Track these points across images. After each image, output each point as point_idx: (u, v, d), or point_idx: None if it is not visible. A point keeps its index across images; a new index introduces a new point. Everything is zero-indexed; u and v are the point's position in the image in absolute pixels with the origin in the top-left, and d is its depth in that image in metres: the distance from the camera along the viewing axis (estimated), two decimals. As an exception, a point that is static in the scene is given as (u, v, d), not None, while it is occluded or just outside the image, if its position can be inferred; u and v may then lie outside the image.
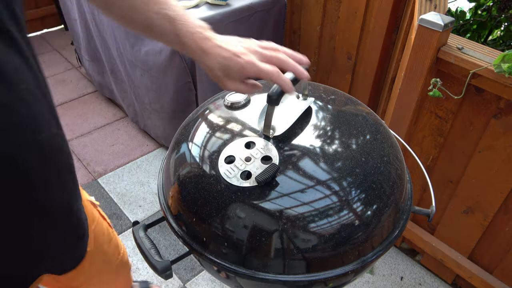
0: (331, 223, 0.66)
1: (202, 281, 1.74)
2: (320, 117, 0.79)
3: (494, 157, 1.31)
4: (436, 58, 1.25)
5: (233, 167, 0.70)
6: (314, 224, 0.65)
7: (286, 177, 0.68)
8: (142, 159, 2.35)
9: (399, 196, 0.75)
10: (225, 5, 1.85)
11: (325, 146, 0.73)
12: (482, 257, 1.55)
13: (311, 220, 0.65)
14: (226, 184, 0.68)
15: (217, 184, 0.69)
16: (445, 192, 1.52)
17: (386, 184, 0.72)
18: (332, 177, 0.69)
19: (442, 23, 1.16)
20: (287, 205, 0.66)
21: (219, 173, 0.70)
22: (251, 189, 0.67)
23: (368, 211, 0.69)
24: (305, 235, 0.65)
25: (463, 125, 1.35)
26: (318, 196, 0.67)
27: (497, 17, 1.83)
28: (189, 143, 0.79)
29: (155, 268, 0.72)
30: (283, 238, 0.65)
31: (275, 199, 0.66)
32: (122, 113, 2.67)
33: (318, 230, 0.65)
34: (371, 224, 0.69)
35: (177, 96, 1.97)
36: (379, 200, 0.70)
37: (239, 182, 0.68)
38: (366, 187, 0.69)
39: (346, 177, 0.69)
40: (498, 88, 1.17)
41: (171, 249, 1.86)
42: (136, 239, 0.77)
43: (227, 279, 0.77)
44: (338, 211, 0.67)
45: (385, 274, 1.78)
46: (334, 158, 0.71)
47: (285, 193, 0.67)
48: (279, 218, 0.65)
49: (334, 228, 0.66)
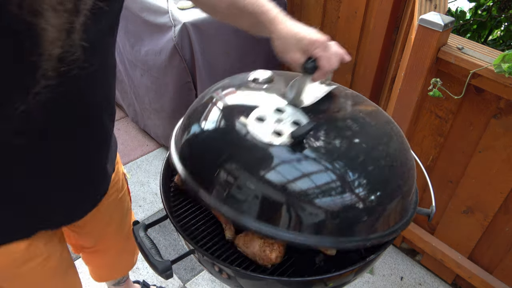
0: (358, 194, 0.66)
1: (202, 281, 1.74)
2: (342, 101, 0.80)
3: (494, 157, 1.31)
4: (436, 58, 1.25)
5: (264, 125, 0.69)
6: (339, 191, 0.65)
7: (315, 146, 0.67)
8: (142, 159, 2.35)
9: (410, 187, 0.76)
10: (225, 5, 1.85)
11: (349, 123, 0.74)
12: (482, 257, 1.55)
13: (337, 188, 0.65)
14: (255, 140, 0.67)
15: (246, 139, 0.68)
16: (445, 192, 1.52)
17: (405, 168, 0.74)
18: (357, 152, 0.69)
19: (442, 23, 1.16)
20: (313, 170, 0.65)
21: (248, 130, 0.69)
22: (282, 146, 0.66)
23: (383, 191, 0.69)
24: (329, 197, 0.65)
25: (463, 125, 1.36)
26: (341, 169, 0.66)
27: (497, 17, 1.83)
28: (217, 102, 0.77)
29: (156, 268, 0.72)
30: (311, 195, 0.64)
31: (305, 160, 0.66)
32: (122, 113, 2.67)
33: (340, 199, 0.65)
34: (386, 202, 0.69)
35: (177, 96, 1.97)
36: (396, 184, 0.71)
37: (270, 139, 0.67)
38: (388, 170, 0.70)
39: (371, 154, 0.69)
40: (498, 88, 1.17)
41: (171, 249, 1.86)
42: (137, 238, 0.77)
43: (227, 279, 0.77)
44: (363, 185, 0.66)
45: (385, 274, 1.78)
46: (359, 135, 0.72)
47: (313, 157, 0.66)
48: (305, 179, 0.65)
49: (360, 196, 0.66)
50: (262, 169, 0.65)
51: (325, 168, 0.65)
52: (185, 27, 1.72)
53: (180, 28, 1.72)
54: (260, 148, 0.67)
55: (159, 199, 2.10)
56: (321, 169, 0.65)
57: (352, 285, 1.72)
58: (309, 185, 0.64)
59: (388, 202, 0.69)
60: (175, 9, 1.79)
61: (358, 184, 0.66)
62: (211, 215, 0.86)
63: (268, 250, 0.75)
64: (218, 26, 1.81)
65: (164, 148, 2.42)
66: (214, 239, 0.81)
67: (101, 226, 1.11)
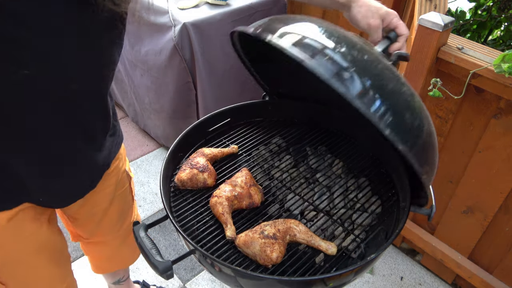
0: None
1: (202, 281, 1.74)
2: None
3: (494, 157, 1.31)
4: (436, 58, 1.25)
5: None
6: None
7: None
8: (142, 159, 2.35)
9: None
10: (225, 5, 1.85)
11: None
12: (482, 257, 1.55)
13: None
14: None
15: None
16: (445, 192, 1.52)
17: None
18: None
19: (442, 23, 1.16)
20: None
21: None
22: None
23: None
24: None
25: (463, 125, 1.36)
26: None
27: (497, 17, 1.83)
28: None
29: (156, 268, 0.72)
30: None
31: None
32: (122, 113, 2.67)
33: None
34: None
35: (177, 96, 1.97)
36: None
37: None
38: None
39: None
40: (498, 88, 1.18)
41: (171, 249, 1.86)
42: (137, 239, 0.77)
43: (227, 279, 0.77)
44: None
45: (385, 274, 1.78)
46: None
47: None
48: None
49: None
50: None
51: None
52: (185, 27, 1.72)
53: (180, 28, 1.72)
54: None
55: (159, 199, 2.10)
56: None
57: (352, 285, 1.72)
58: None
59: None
60: (175, 9, 1.79)
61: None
62: (211, 215, 0.86)
63: (269, 250, 0.75)
64: (218, 26, 1.81)
65: (164, 148, 2.42)
66: (214, 239, 0.81)
67: (96, 220, 1.11)
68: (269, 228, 0.78)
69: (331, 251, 0.79)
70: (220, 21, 1.81)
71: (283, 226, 0.79)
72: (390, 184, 0.95)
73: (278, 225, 0.79)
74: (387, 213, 0.90)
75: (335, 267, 0.79)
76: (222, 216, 0.82)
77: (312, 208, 0.91)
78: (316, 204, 0.92)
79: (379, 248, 0.76)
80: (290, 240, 0.80)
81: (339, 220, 0.89)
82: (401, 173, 0.91)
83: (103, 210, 1.10)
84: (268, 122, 1.13)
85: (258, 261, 0.76)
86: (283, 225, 0.80)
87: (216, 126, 1.07)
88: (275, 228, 0.78)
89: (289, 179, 0.99)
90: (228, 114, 1.08)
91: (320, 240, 0.80)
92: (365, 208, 0.92)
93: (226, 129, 1.09)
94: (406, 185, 0.87)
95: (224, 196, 0.84)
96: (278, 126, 1.11)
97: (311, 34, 0.70)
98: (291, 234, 0.80)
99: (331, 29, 0.72)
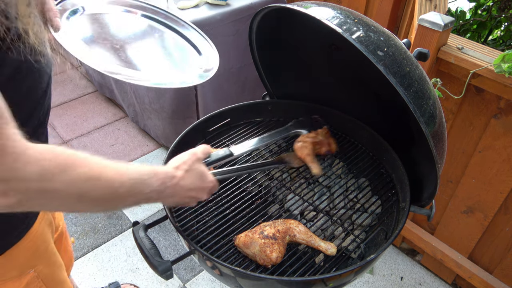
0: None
1: (202, 281, 1.74)
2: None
3: (494, 157, 1.31)
4: (436, 58, 1.25)
5: None
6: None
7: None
8: (142, 159, 2.35)
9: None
10: (225, 5, 1.85)
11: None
12: (482, 257, 1.55)
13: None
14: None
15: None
16: (445, 192, 1.52)
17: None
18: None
19: (442, 23, 1.16)
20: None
21: None
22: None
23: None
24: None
25: (463, 125, 1.36)
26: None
27: (497, 17, 1.83)
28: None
29: (156, 268, 0.72)
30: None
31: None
32: (122, 113, 2.67)
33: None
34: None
35: (177, 96, 1.96)
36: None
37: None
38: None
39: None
40: (498, 88, 1.17)
41: (171, 249, 1.86)
42: (137, 239, 0.77)
43: (227, 279, 0.77)
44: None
45: (385, 274, 1.78)
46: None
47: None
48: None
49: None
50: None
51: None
52: (185, 27, 1.72)
53: (180, 28, 1.72)
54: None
55: (159, 199, 2.09)
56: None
57: (352, 285, 1.72)
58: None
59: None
60: (175, 9, 1.79)
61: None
62: (211, 215, 0.86)
63: (269, 250, 0.75)
64: (218, 26, 1.81)
65: (164, 148, 2.42)
66: (214, 239, 0.81)
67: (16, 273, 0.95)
68: (269, 228, 0.78)
69: (331, 251, 0.79)
70: (220, 21, 1.81)
71: (283, 227, 0.79)
72: (390, 184, 0.95)
73: (278, 225, 0.80)
74: (387, 214, 0.90)
75: (335, 267, 0.79)
76: (307, 157, 0.94)
77: (312, 209, 0.92)
78: (316, 205, 0.92)
79: (379, 249, 0.76)
80: (290, 240, 0.80)
81: (339, 220, 0.89)
82: (401, 173, 0.91)
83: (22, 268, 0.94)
84: (268, 122, 1.13)
85: (257, 261, 0.76)
86: (282, 226, 0.80)
87: (216, 126, 1.07)
88: (274, 229, 0.78)
89: (289, 179, 0.99)
90: (228, 114, 1.08)
91: (319, 240, 0.80)
92: (365, 209, 0.92)
93: (226, 129, 1.09)
94: (406, 185, 0.87)
95: (309, 141, 0.98)
96: (278, 126, 1.12)
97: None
98: (291, 235, 0.80)
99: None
